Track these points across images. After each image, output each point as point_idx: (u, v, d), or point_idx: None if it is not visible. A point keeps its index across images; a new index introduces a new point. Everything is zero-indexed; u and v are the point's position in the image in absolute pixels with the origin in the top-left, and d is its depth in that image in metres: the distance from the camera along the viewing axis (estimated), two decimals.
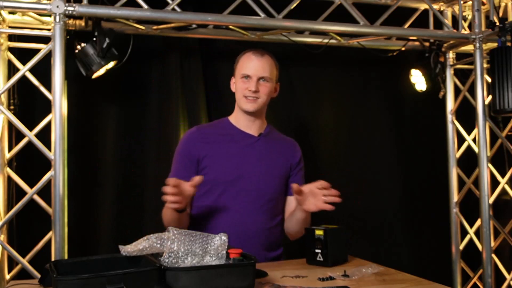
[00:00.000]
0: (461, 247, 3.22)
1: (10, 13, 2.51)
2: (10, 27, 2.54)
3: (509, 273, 3.08)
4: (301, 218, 2.05)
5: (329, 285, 1.65)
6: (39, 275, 2.02)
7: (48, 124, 2.33)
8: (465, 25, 3.07)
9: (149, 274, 1.41)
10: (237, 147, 2.08)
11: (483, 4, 2.91)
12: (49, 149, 2.30)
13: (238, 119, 2.14)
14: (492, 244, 2.88)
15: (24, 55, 2.50)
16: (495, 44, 2.72)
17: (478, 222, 3.03)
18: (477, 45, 2.85)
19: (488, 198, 2.86)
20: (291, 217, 2.12)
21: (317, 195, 1.87)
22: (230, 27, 2.80)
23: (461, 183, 3.19)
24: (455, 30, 2.94)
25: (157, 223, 2.12)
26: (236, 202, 2.03)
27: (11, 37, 2.58)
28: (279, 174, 2.14)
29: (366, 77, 3.38)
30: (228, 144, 2.09)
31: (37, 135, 2.34)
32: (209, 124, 2.31)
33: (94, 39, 2.50)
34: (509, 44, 2.66)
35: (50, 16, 2.34)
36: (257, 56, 2.09)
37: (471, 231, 3.16)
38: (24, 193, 2.36)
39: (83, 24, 2.55)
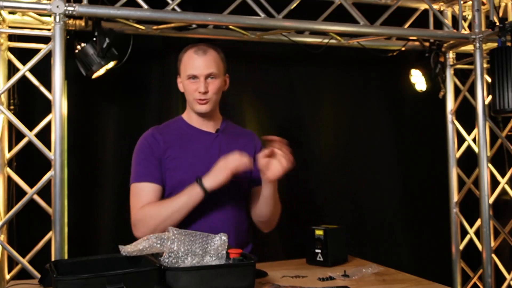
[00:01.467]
0: (461, 247, 3.22)
1: (10, 13, 2.51)
2: (10, 27, 2.54)
3: (509, 273, 3.08)
4: (268, 194, 1.96)
5: (329, 285, 1.65)
6: (39, 275, 2.03)
7: (48, 124, 2.33)
8: (465, 25, 3.07)
9: (149, 274, 1.41)
10: (197, 147, 2.02)
11: (483, 4, 2.91)
12: (49, 149, 2.30)
13: (191, 118, 2.07)
14: (492, 244, 2.88)
15: (24, 55, 2.50)
16: (495, 44, 2.72)
17: (478, 222, 3.03)
18: (477, 45, 2.85)
19: (488, 198, 2.86)
20: (258, 202, 2.03)
21: (278, 156, 1.82)
22: (230, 27, 2.80)
23: (461, 183, 3.19)
24: (455, 30, 2.94)
25: None
26: (201, 203, 1.93)
27: (11, 37, 2.58)
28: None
29: (366, 77, 3.38)
30: (187, 144, 2.02)
31: (37, 135, 2.34)
32: (164, 125, 2.16)
33: (94, 39, 2.50)
34: (509, 44, 2.66)
35: (50, 16, 2.34)
36: (199, 54, 1.98)
37: (471, 231, 3.16)
38: (24, 193, 2.36)
39: (83, 24, 2.55)
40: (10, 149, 2.52)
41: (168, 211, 1.86)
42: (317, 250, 1.95)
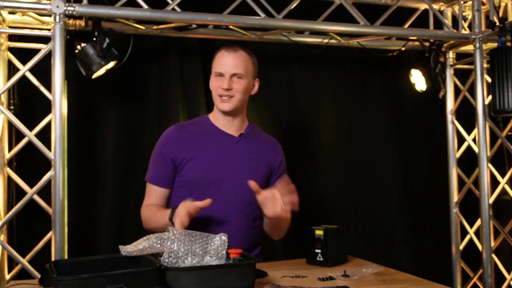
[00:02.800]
0: (461, 247, 3.22)
1: (10, 13, 2.51)
2: (10, 27, 2.54)
3: (509, 273, 3.08)
4: (268, 222, 2.01)
5: (329, 285, 1.65)
6: (39, 275, 2.02)
7: (48, 124, 2.33)
8: (465, 25, 3.07)
9: (149, 274, 1.41)
10: (217, 148, 2.02)
11: (483, 4, 2.91)
12: (49, 149, 2.30)
13: (216, 118, 2.08)
14: (492, 244, 2.88)
15: (24, 55, 2.50)
16: (495, 44, 2.72)
17: (478, 222, 3.03)
18: (477, 45, 2.85)
19: (488, 198, 2.86)
20: (264, 221, 2.09)
21: (276, 200, 1.80)
22: (230, 27, 2.80)
23: (461, 183, 3.19)
24: (455, 30, 2.94)
25: None
26: (215, 205, 1.94)
27: (11, 37, 2.58)
28: (260, 177, 2.05)
29: (366, 77, 3.38)
30: (208, 145, 2.02)
31: (37, 135, 2.34)
32: (188, 122, 2.23)
33: (94, 39, 2.50)
34: (509, 44, 2.66)
35: (50, 16, 2.34)
36: (229, 52, 2.01)
37: (471, 231, 3.16)
38: (24, 193, 2.36)
39: (83, 24, 2.55)
40: (10, 149, 2.51)
41: (155, 225, 1.96)
42: (317, 250, 1.94)
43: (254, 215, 2.06)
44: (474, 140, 3.08)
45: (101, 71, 2.57)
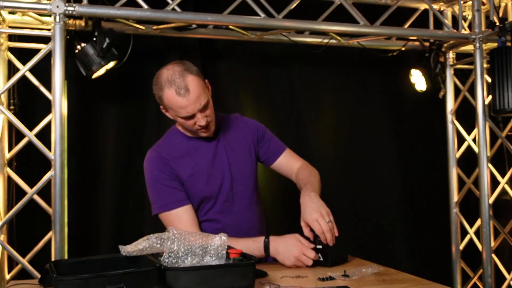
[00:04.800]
0: (461, 247, 3.22)
1: (10, 13, 2.51)
2: (10, 27, 2.54)
3: (509, 273, 3.08)
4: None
5: (329, 285, 1.65)
6: (39, 275, 2.03)
7: (48, 124, 2.33)
8: (465, 25, 3.07)
9: (149, 274, 1.41)
10: (205, 157, 1.98)
11: (483, 4, 2.91)
12: (49, 149, 2.30)
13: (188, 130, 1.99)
14: (492, 244, 2.88)
15: (24, 55, 2.50)
16: (495, 44, 2.73)
17: (478, 222, 3.03)
18: (477, 45, 2.85)
19: (488, 198, 2.86)
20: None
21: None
22: (230, 27, 2.79)
23: (461, 183, 3.19)
24: (455, 30, 2.94)
25: (157, 223, 2.12)
26: (226, 210, 1.99)
27: (11, 37, 2.58)
28: (252, 161, 2.07)
29: (366, 77, 3.38)
30: (195, 157, 1.96)
31: (37, 135, 2.34)
32: (161, 143, 2.02)
33: (94, 39, 2.50)
34: (509, 44, 2.66)
35: (50, 16, 2.34)
36: (182, 94, 1.77)
37: (471, 231, 3.16)
38: (24, 193, 2.36)
39: (83, 24, 2.55)
40: (10, 149, 2.52)
41: None
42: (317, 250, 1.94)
43: (258, 201, 2.10)
44: (474, 140, 3.08)
45: (101, 71, 2.57)
